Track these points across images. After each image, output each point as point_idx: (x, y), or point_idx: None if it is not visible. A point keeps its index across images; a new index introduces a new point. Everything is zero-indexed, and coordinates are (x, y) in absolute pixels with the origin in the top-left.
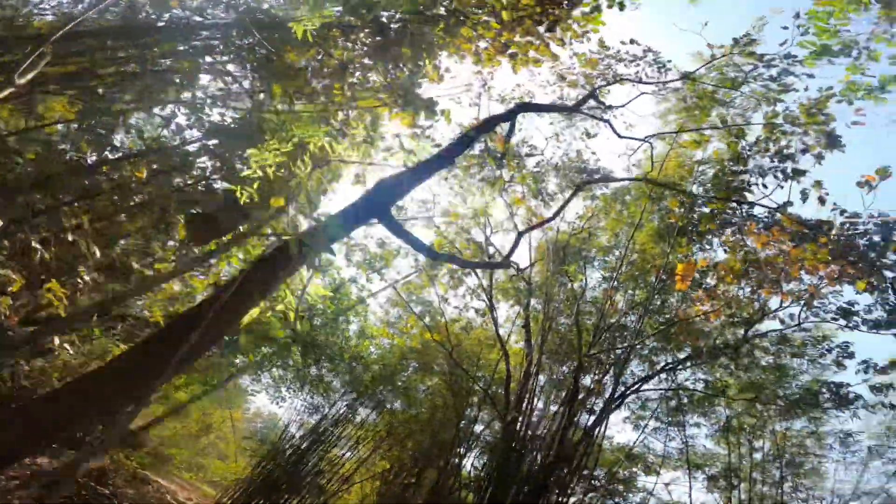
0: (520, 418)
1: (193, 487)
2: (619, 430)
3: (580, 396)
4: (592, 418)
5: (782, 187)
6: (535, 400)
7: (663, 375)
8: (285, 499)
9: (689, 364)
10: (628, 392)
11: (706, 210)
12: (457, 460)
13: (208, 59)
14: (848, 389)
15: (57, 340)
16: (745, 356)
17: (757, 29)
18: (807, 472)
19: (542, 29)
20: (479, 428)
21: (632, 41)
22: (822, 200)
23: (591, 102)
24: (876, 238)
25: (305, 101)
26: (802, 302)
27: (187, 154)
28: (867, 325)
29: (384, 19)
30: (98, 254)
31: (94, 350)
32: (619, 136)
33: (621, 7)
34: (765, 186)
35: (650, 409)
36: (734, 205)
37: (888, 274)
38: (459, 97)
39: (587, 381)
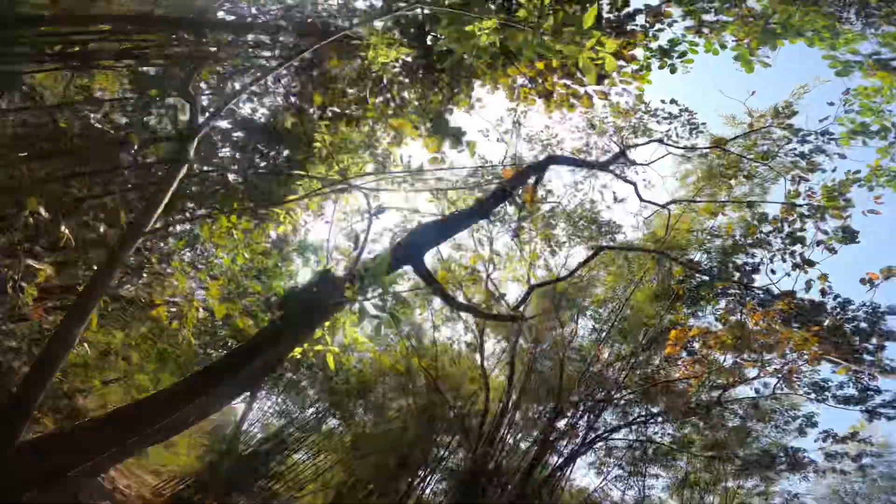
0: (490, 451)
1: (133, 475)
2: (584, 474)
3: (552, 438)
4: (560, 460)
5: (789, 275)
6: (508, 435)
7: (634, 426)
8: (233, 498)
9: (660, 419)
10: (598, 439)
11: (706, 278)
12: (419, 483)
13: (254, 53)
14: (804, 455)
15: (87, 348)
16: (715, 417)
17: (797, 97)
18: None
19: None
20: (447, 455)
21: (672, 101)
22: (823, 293)
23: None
24: (863, 325)
25: (338, 108)
26: (780, 375)
27: (214, 144)
28: (836, 399)
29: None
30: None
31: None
32: (641, 199)
33: (672, 70)
34: (773, 272)
35: (616, 456)
36: (737, 281)
37: (868, 358)
38: (488, 130)
39: (561, 423)
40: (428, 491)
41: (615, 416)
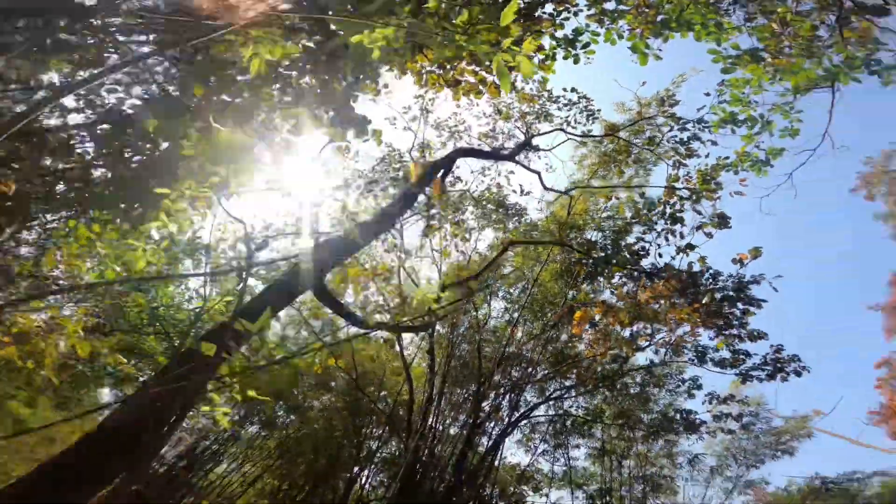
0: (422, 441)
1: None
2: (513, 453)
3: (479, 420)
4: (489, 442)
5: (674, 258)
6: (437, 423)
7: (552, 402)
8: None
9: (574, 393)
10: (521, 417)
11: (602, 255)
12: (355, 480)
13: (122, 40)
14: (695, 417)
15: None
16: (619, 386)
17: (676, 86)
18: (663, 489)
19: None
20: (379, 448)
21: (573, 89)
22: (702, 273)
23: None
24: (731, 293)
25: (230, 97)
26: (668, 345)
27: (69, 137)
28: (714, 363)
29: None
30: None
31: None
32: (545, 187)
33: (576, 60)
34: (660, 255)
35: (540, 432)
36: (631, 261)
37: (735, 323)
38: (395, 118)
39: (486, 406)
40: (367, 486)
41: (534, 393)
